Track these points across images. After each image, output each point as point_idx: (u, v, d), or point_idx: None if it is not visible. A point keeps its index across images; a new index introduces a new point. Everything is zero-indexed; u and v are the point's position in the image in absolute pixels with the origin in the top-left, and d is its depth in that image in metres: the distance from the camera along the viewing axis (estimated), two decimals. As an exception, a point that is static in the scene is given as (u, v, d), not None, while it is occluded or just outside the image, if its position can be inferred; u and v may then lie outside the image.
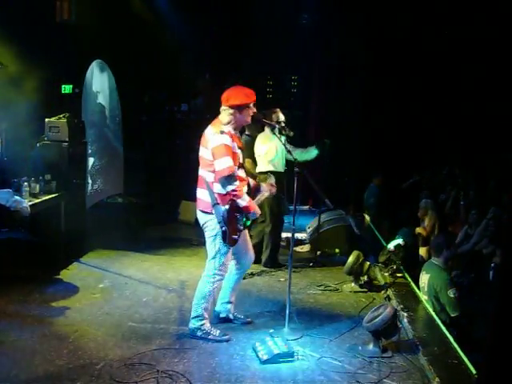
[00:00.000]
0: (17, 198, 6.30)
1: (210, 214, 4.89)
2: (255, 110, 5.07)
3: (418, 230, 8.43)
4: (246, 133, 8.16)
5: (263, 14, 11.96)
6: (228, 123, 4.94)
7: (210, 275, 5.02)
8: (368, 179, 11.10)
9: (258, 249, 7.29)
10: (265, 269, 7.32)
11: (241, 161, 5.06)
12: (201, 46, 11.81)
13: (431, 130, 11.70)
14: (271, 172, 6.89)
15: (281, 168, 7.31)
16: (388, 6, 10.85)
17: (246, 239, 5.30)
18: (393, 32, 11.25)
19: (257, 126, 7.84)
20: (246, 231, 5.28)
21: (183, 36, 11.37)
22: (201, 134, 5.08)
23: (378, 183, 10.89)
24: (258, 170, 7.34)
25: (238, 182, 4.80)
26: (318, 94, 12.32)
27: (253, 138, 8.25)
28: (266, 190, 5.26)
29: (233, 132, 4.97)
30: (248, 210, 4.88)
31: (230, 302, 5.42)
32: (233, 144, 4.89)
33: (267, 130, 7.23)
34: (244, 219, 4.94)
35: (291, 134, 7.25)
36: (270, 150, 7.23)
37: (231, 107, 4.93)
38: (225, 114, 4.96)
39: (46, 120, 7.43)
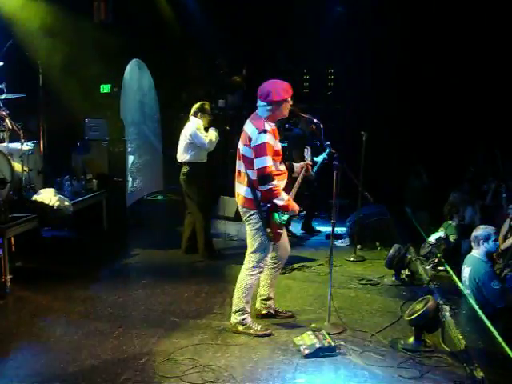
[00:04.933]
0: (60, 196, 6.44)
1: (253, 209, 4.91)
2: (292, 103, 5.04)
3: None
4: (299, 127, 8.21)
5: (299, 7, 11.91)
6: (267, 118, 4.92)
7: (250, 268, 5.04)
8: (408, 171, 10.98)
9: (194, 240, 7.50)
10: (305, 263, 7.30)
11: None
12: (236, 41, 11.82)
13: (473, 119, 11.48)
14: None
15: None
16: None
17: (284, 232, 5.29)
18: (431, 19, 11.08)
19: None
20: None
21: (219, 32, 11.41)
22: (239, 129, 5.09)
23: (419, 175, 10.76)
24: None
25: (275, 182, 4.77)
26: (355, 87, 12.21)
27: (304, 133, 8.27)
28: (299, 171, 5.29)
29: (273, 127, 4.96)
30: (286, 209, 4.87)
31: (269, 299, 5.43)
32: (275, 142, 4.88)
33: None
34: (283, 215, 4.93)
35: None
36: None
37: (270, 103, 4.87)
38: (263, 110, 4.91)
39: (86, 120, 7.56)
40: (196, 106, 7.33)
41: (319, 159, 7.57)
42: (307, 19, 11.88)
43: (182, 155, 7.31)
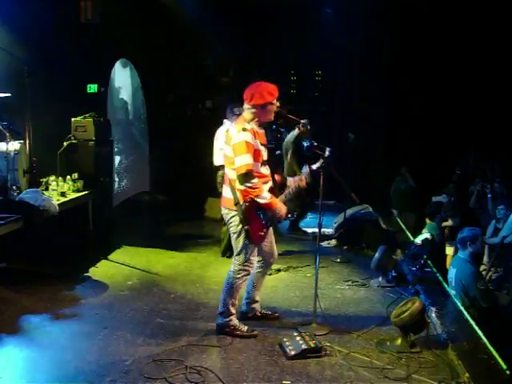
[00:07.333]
0: (45, 196, 6.38)
1: (234, 210, 4.90)
2: (278, 105, 5.04)
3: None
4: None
5: (286, 9, 11.93)
6: (251, 120, 4.94)
7: (235, 270, 5.02)
8: (394, 173, 11.03)
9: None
10: (291, 264, 7.31)
11: (265, 158, 5.04)
12: (224, 42, 11.82)
13: (458, 122, 11.57)
14: None
15: None
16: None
17: (271, 236, 5.27)
18: (420, 22, 11.15)
19: None
20: (271, 229, 5.25)
21: (207, 33, 11.40)
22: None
23: (405, 177, 10.81)
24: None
25: (256, 180, 4.76)
26: (342, 89, 12.25)
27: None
28: (293, 184, 5.23)
29: (256, 129, 4.95)
30: (270, 207, 4.84)
31: (255, 302, 5.42)
32: (255, 141, 4.86)
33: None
34: (268, 216, 4.90)
35: None
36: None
37: (254, 106, 4.90)
38: (248, 113, 4.95)
39: (73, 120, 7.52)
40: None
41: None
42: (295, 21, 11.91)
43: (217, 159, 7.32)
